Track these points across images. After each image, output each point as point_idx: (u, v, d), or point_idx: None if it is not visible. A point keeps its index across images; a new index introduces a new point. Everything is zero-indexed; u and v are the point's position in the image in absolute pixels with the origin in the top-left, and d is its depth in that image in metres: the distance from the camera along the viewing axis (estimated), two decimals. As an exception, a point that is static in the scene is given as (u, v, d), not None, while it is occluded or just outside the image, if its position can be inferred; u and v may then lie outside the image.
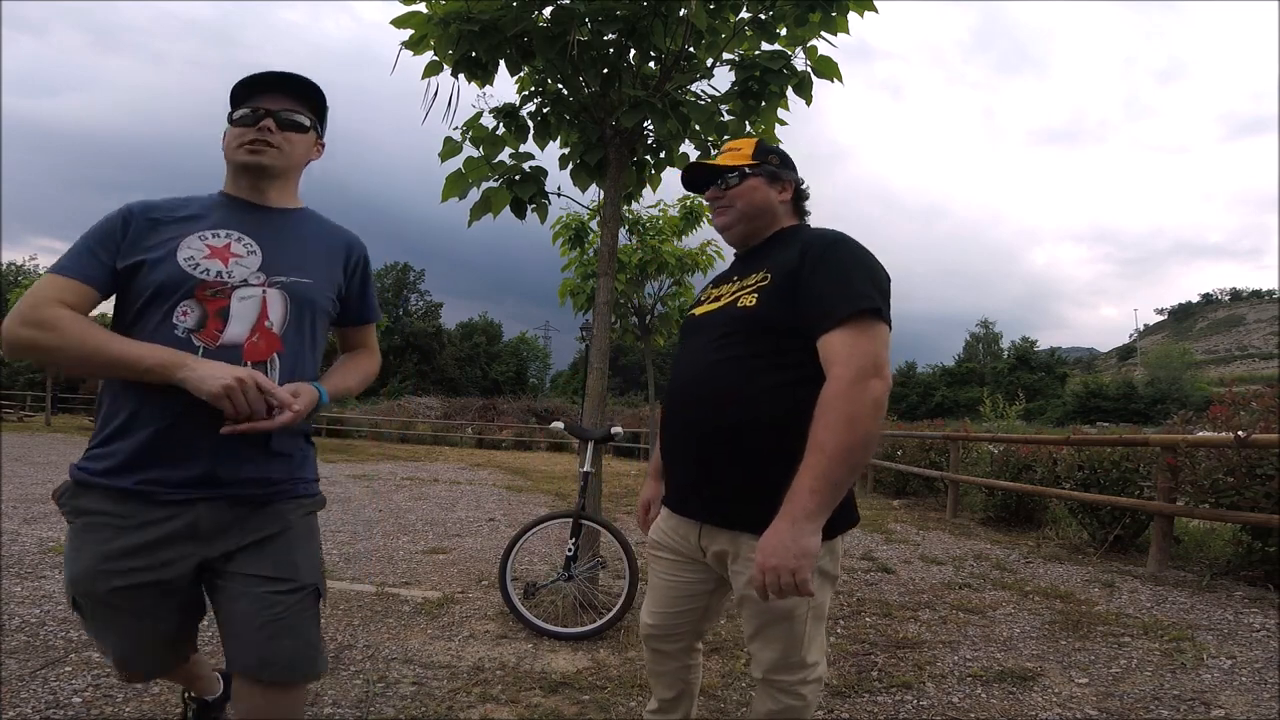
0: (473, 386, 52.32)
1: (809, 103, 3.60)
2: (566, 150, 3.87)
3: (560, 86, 3.68)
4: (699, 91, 3.74)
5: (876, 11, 3.42)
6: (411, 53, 3.48)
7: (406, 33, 3.42)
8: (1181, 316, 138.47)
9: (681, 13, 3.30)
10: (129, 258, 1.30)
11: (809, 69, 3.52)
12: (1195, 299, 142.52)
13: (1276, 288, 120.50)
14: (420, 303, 62.88)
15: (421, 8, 3.37)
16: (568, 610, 3.33)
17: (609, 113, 3.62)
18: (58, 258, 1.33)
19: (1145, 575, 4.57)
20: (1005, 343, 73.90)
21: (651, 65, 3.68)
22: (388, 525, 6.06)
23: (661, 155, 3.94)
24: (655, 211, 9.05)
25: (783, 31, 3.54)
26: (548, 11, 3.36)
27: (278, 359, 1.34)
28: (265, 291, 1.35)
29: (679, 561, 1.61)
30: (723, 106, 3.71)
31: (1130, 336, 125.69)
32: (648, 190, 4.12)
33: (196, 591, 1.36)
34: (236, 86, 1.41)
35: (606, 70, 3.56)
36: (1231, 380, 6.72)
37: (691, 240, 9.29)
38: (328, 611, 3.37)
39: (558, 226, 7.58)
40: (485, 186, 3.72)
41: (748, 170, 1.58)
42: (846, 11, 3.36)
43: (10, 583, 3.61)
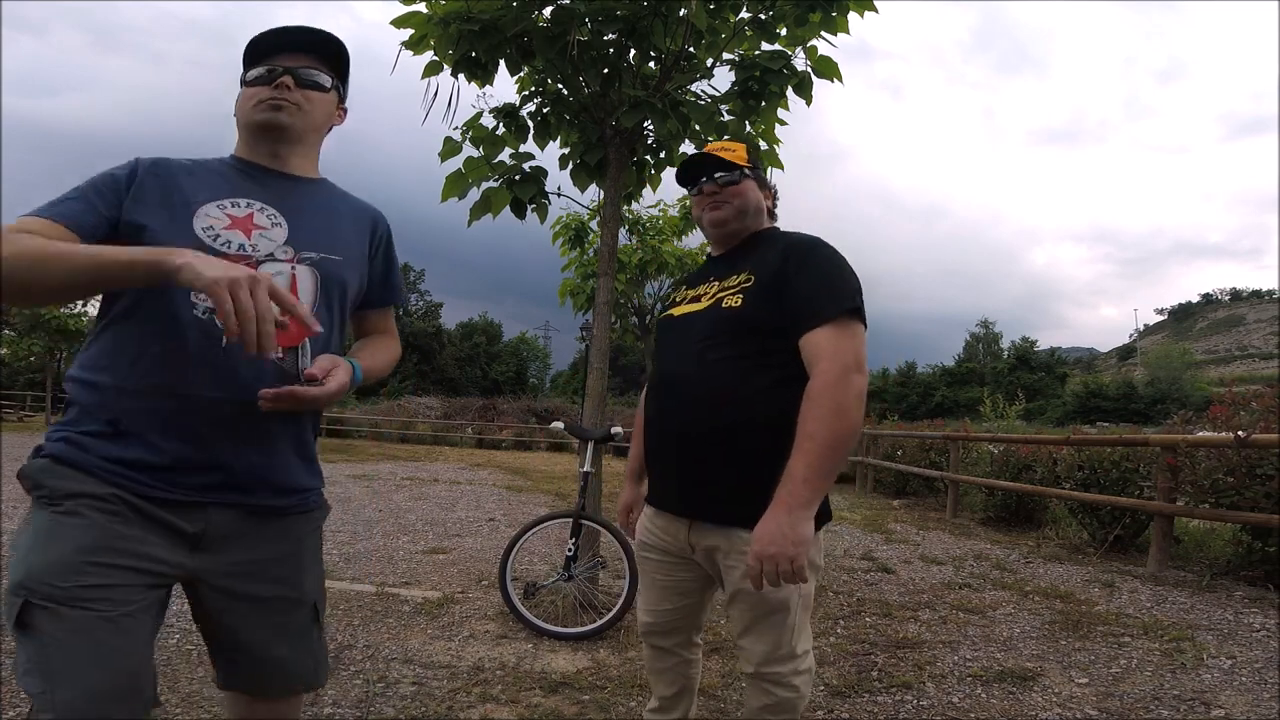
0: (473, 386, 52.28)
1: (809, 103, 3.60)
2: (566, 150, 3.87)
3: (560, 86, 3.69)
4: (699, 91, 3.75)
5: (876, 11, 3.42)
6: (411, 53, 3.48)
7: (406, 33, 3.43)
8: (1181, 316, 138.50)
9: (681, 13, 3.30)
10: (132, 216, 1.14)
11: (809, 69, 3.52)
12: (1195, 299, 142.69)
13: (1276, 288, 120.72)
14: (420, 303, 62.87)
15: (421, 8, 3.38)
16: (568, 610, 3.33)
17: (609, 113, 3.62)
18: None
19: (1145, 575, 4.57)
20: (1005, 343, 74.00)
21: (651, 65, 3.68)
22: (388, 525, 6.06)
23: (661, 155, 3.94)
24: (655, 211, 9.07)
25: (783, 31, 3.54)
26: (548, 11, 3.36)
27: (309, 344, 1.19)
28: (294, 268, 1.22)
29: (669, 561, 1.63)
30: (723, 106, 3.71)
31: (1130, 336, 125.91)
32: (648, 190, 4.12)
33: (162, 614, 1.15)
34: (250, 45, 1.27)
35: (606, 70, 3.56)
36: (1231, 380, 6.72)
37: (691, 240, 9.30)
38: (327, 611, 3.37)
39: (558, 226, 7.60)
40: (485, 186, 3.72)
41: (746, 171, 1.61)
42: (846, 11, 3.37)
43: (10, 583, 3.61)
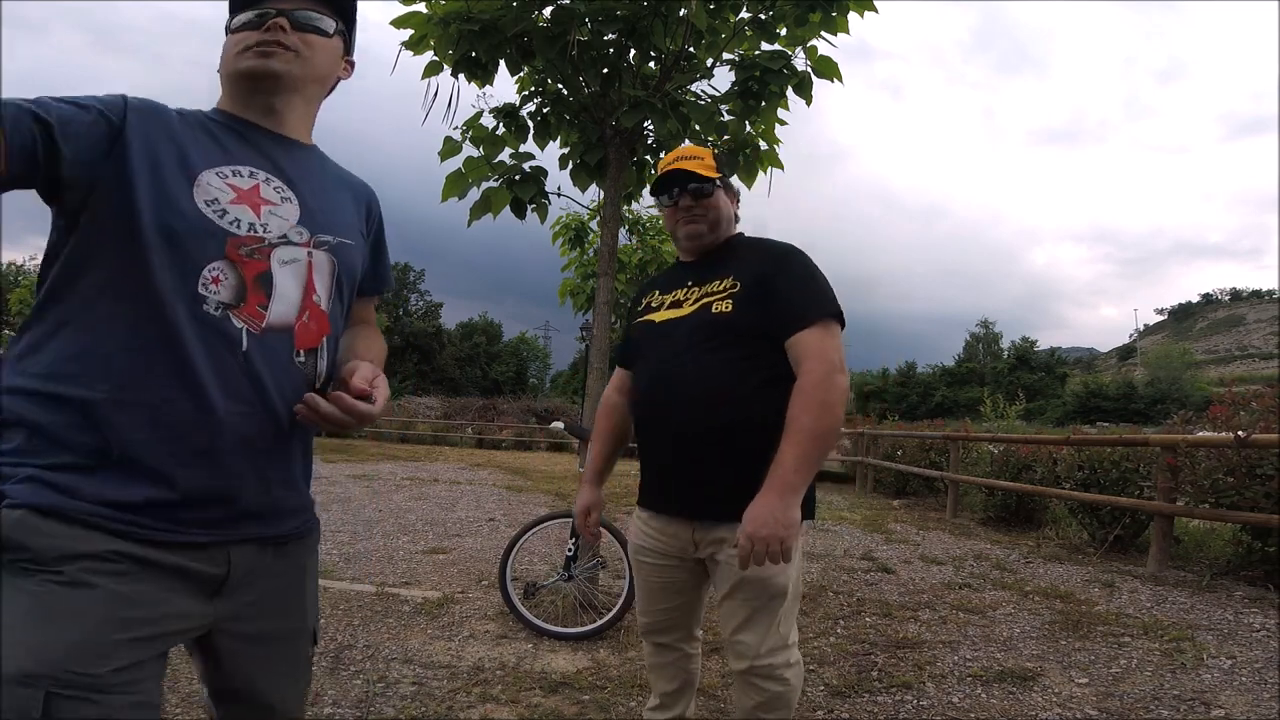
0: (473, 386, 52.28)
1: (809, 103, 3.60)
2: (566, 150, 3.87)
3: (560, 86, 3.69)
4: (699, 91, 3.76)
5: (876, 11, 3.43)
6: (411, 53, 3.49)
7: (406, 33, 3.43)
8: (1181, 316, 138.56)
9: (681, 13, 3.30)
10: (112, 169, 0.89)
11: (809, 69, 3.53)
12: (1195, 299, 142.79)
13: (1276, 288, 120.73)
14: (420, 303, 62.83)
15: (421, 8, 3.38)
16: (568, 610, 3.33)
17: (609, 113, 3.62)
18: None
19: (1145, 575, 4.57)
20: (1005, 343, 73.93)
21: (651, 65, 3.68)
22: (388, 525, 6.06)
23: (661, 155, 3.94)
24: (655, 211, 9.06)
25: (783, 31, 3.55)
26: (548, 11, 3.36)
27: (326, 344, 1.04)
28: (311, 254, 1.03)
29: (665, 564, 1.66)
30: (723, 106, 3.71)
31: (1130, 336, 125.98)
32: (648, 190, 4.12)
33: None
34: None
35: (606, 70, 3.57)
36: (1231, 380, 6.72)
37: (691, 240, 9.28)
38: (327, 612, 3.38)
39: (558, 226, 7.58)
40: (485, 186, 3.73)
41: (717, 182, 1.65)
42: (846, 11, 3.37)
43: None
